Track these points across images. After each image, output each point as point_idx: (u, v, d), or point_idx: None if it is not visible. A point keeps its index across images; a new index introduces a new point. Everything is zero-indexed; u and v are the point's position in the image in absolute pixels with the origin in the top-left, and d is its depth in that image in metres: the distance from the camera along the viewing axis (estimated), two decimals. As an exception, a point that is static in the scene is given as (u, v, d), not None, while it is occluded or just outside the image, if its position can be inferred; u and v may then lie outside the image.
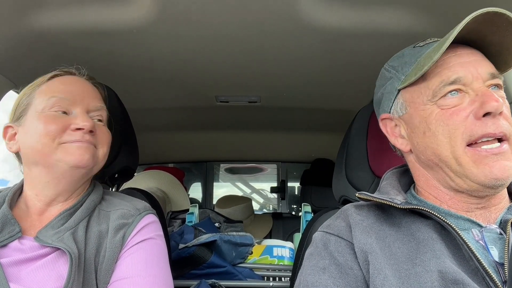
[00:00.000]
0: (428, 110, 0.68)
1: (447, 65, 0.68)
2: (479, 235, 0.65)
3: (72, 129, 0.82)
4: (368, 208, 0.75)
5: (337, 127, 1.84)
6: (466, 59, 0.67)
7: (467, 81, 0.66)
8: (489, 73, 0.67)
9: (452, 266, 0.60)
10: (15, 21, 1.03)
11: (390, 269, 0.63)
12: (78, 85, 0.89)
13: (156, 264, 0.82)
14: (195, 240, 1.39)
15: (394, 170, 0.82)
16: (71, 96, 0.85)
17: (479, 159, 0.63)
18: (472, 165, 0.64)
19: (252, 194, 3.43)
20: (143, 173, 2.32)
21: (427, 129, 0.68)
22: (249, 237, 1.49)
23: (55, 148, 0.81)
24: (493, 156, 0.63)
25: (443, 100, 0.67)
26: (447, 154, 0.66)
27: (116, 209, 0.86)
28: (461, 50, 0.69)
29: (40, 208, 0.84)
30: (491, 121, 0.63)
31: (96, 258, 0.79)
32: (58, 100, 0.84)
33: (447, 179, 0.68)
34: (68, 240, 0.76)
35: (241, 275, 1.41)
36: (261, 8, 1.00)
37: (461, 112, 0.65)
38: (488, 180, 0.63)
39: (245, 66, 1.34)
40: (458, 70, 0.67)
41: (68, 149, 0.81)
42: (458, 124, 0.65)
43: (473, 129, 0.63)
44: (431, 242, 0.65)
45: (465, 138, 0.64)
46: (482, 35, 0.68)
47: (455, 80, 0.66)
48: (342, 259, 0.68)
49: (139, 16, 1.03)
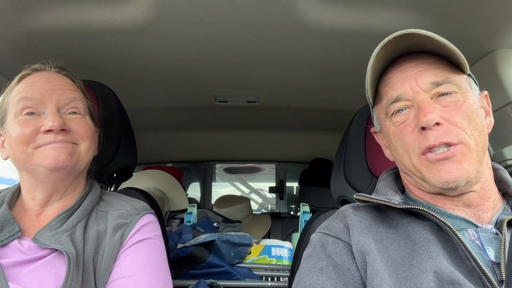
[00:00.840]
0: (387, 127, 0.74)
1: (392, 83, 0.72)
2: (475, 235, 0.66)
3: (43, 132, 0.79)
4: (365, 209, 0.75)
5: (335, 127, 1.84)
6: (409, 73, 0.70)
7: (408, 96, 0.69)
8: (430, 83, 0.69)
9: (448, 266, 0.61)
10: (13, 21, 1.03)
11: (387, 271, 0.63)
12: (45, 81, 0.84)
13: (155, 264, 0.82)
14: (193, 240, 1.39)
15: (391, 171, 0.83)
16: (38, 95, 0.81)
17: (430, 164, 0.67)
18: (426, 171, 0.68)
19: (251, 194, 3.43)
20: (142, 172, 2.32)
21: (390, 143, 0.75)
22: (248, 237, 1.49)
23: (32, 154, 0.79)
24: (439, 161, 0.66)
25: (395, 117, 0.72)
26: (408, 164, 0.71)
27: (115, 209, 0.86)
28: (406, 64, 0.72)
29: (37, 210, 0.84)
30: (430, 133, 0.66)
31: (94, 258, 0.79)
32: (25, 102, 0.80)
33: (418, 184, 0.73)
34: (66, 242, 0.77)
35: (239, 275, 1.41)
36: (260, 8, 1.00)
37: (407, 127, 0.70)
38: (440, 183, 0.66)
39: (244, 66, 1.34)
40: (398, 87, 0.71)
41: (43, 152, 0.79)
42: (408, 138, 0.69)
43: (420, 142, 0.67)
44: (427, 243, 0.65)
45: (416, 150, 0.68)
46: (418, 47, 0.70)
47: (397, 98, 0.70)
48: (339, 260, 0.68)
49: (138, 16, 1.03)
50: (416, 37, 0.67)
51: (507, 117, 1.08)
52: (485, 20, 1.02)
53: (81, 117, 0.86)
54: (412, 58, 0.71)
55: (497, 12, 0.99)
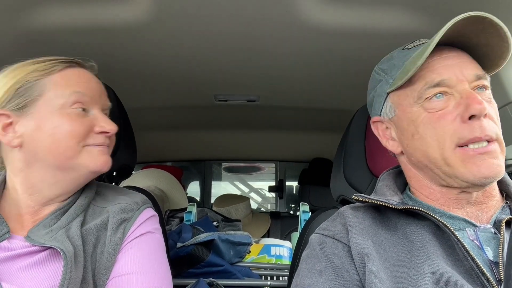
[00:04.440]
0: (415, 113, 0.69)
1: (432, 68, 0.68)
2: (473, 235, 0.66)
3: (96, 132, 0.78)
4: (364, 210, 0.75)
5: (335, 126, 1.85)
6: (451, 61, 0.68)
7: (451, 83, 0.67)
8: (474, 74, 0.68)
9: (445, 267, 0.61)
10: (13, 19, 1.03)
11: (385, 273, 0.63)
12: (94, 81, 0.82)
13: (156, 259, 0.81)
14: (193, 239, 1.39)
15: (390, 170, 0.83)
16: (90, 93, 0.79)
17: (467, 158, 0.64)
18: (461, 165, 0.65)
19: (250, 193, 3.43)
20: (141, 171, 2.32)
21: (415, 131, 0.69)
22: (247, 236, 1.49)
23: (79, 152, 0.76)
24: (479, 155, 0.64)
25: (429, 103, 0.68)
26: (436, 156, 0.67)
27: (114, 204, 0.82)
28: (447, 52, 0.70)
29: (33, 208, 0.79)
30: (477, 124, 0.64)
31: (93, 254, 0.76)
32: (80, 97, 0.77)
33: (437, 179, 0.69)
34: (62, 239, 0.73)
35: (239, 274, 1.41)
36: (260, 7, 1.00)
37: (447, 115, 0.66)
38: (476, 179, 0.64)
39: (244, 65, 1.34)
40: (442, 73, 0.67)
41: (92, 153, 0.77)
42: (445, 127, 0.66)
43: (461, 133, 0.65)
44: (424, 244, 0.65)
45: (454, 141, 0.65)
46: (467, 37, 0.69)
47: (439, 83, 0.67)
48: (338, 262, 0.68)
49: (137, 15, 1.03)
50: (494, 27, 0.66)
51: (507, 117, 1.08)
52: (485, 20, 1.02)
53: None
54: (451, 49, 0.70)
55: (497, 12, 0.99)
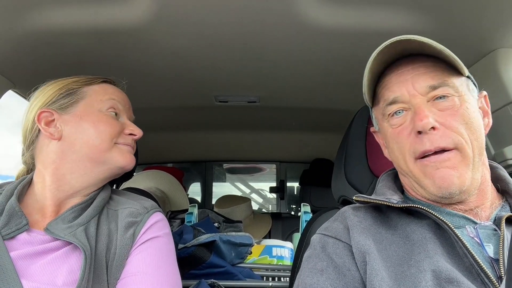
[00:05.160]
0: (385, 128, 0.74)
1: (388, 86, 0.72)
2: (473, 232, 0.66)
3: (126, 133, 0.92)
4: (365, 210, 0.76)
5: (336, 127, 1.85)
6: (405, 76, 0.70)
7: (405, 99, 0.70)
8: (426, 86, 0.69)
9: (445, 264, 0.61)
10: (14, 21, 1.03)
11: (386, 271, 0.64)
12: (125, 96, 0.98)
13: (165, 262, 0.84)
14: (194, 240, 1.39)
15: (389, 172, 0.84)
16: (123, 103, 0.95)
17: (424, 168, 0.67)
18: (423, 177, 0.68)
19: (251, 194, 3.43)
20: (142, 173, 2.32)
21: (387, 145, 0.75)
22: (248, 237, 1.49)
23: (111, 148, 0.88)
24: (433, 164, 0.66)
25: (392, 120, 0.72)
26: (404, 167, 0.71)
27: (124, 208, 0.88)
28: (403, 67, 0.72)
29: (58, 200, 0.85)
30: (426, 138, 0.66)
31: (106, 254, 0.80)
32: (115, 103, 0.92)
33: (415, 189, 0.73)
34: (81, 236, 0.78)
35: (240, 275, 1.41)
36: (260, 7, 1.00)
37: (404, 130, 0.70)
38: (437, 190, 0.66)
39: (244, 66, 1.34)
40: (395, 90, 0.71)
41: (122, 150, 0.90)
42: (404, 141, 0.70)
43: (415, 146, 0.68)
44: (424, 242, 0.65)
45: (411, 154, 0.69)
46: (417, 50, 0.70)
47: (394, 100, 0.71)
48: (340, 261, 0.69)
49: (138, 16, 1.03)
50: (413, 43, 0.68)
51: (508, 117, 1.08)
52: (485, 20, 1.02)
53: None
54: (409, 61, 0.72)
55: (497, 12, 0.99)
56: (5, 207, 0.79)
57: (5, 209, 0.79)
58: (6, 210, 0.79)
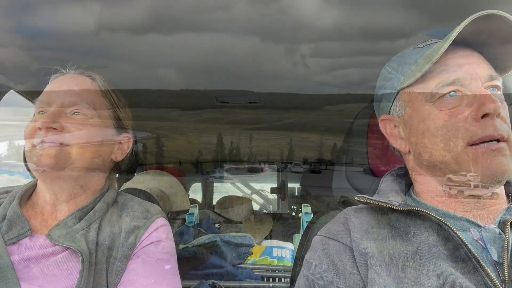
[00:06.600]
0: (427, 110, 0.68)
1: (446, 66, 0.68)
2: (478, 235, 0.65)
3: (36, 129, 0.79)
4: (367, 211, 0.75)
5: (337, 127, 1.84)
6: (465, 60, 0.68)
7: (465, 82, 0.66)
8: (488, 74, 0.67)
9: (449, 268, 0.60)
10: (14, 21, 1.03)
11: (388, 274, 0.63)
12: (58, 83, 0.86)
13: (166, 267, 0.84)
14: (195, 240, 1.39)
15: (393, 172, 0.82)
16: (47, 97, 0.83)
17: (478, 156, 0.63)
18: (471, 163, 0.64)
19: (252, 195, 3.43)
20: (143, 173, 2.32)
21: (426, 129, 0.68)
22: (249, 238, 1.49)
23: (30, 152, 0.79)
24: (491, 152, 0.63)
25: (442, 101, 0.67)
26: (446, 154, 0.66)
27: (128, 212, 0.87)
28: (461, 51, 0.69)
29: (49, 209, 0.83)
30: (490, 123, 0.63)
31: (107, 259, 0.80)
32: (38, 103, 0.83)
33: (445, 180, 0.68)
34: (80, 241, 0.77)
35: (241, 276, 1.41)
36: (261, 7, 1.00)
37: (460, 113, 0.65)
38: (485, 177, 0.63)
39: (245, 66, 1.34)
40: (456, 71, 0.67)
41: (36, 151, 0.78)
42: (457, 125, 0.65)
43: (473, 131, 0.63)
44: (428, 246, 0.65)
45: (465, 139, 0.64)
46: (482, 37, 0.68)
47: (453, 81, 0.66)
48: (341, 264, 0.68)
49: (138, 16, 1.03)
50: (500, 22, 0.65)
51: (509, 117, 1.07)
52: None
53: (85, 118, 0.83)
54: (464, 49, 0.70)
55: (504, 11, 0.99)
56: (7, 211, 0.80)
57: (8, 214, 0.79)
58: (9, 215, 0.79)
